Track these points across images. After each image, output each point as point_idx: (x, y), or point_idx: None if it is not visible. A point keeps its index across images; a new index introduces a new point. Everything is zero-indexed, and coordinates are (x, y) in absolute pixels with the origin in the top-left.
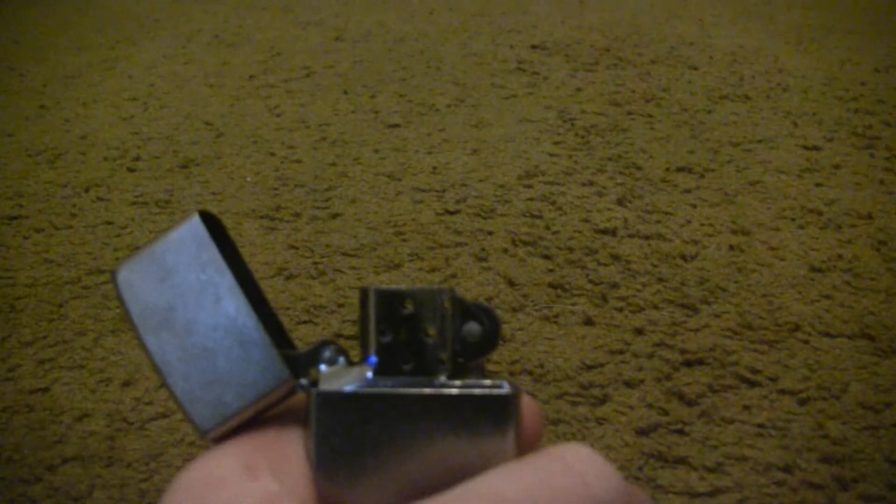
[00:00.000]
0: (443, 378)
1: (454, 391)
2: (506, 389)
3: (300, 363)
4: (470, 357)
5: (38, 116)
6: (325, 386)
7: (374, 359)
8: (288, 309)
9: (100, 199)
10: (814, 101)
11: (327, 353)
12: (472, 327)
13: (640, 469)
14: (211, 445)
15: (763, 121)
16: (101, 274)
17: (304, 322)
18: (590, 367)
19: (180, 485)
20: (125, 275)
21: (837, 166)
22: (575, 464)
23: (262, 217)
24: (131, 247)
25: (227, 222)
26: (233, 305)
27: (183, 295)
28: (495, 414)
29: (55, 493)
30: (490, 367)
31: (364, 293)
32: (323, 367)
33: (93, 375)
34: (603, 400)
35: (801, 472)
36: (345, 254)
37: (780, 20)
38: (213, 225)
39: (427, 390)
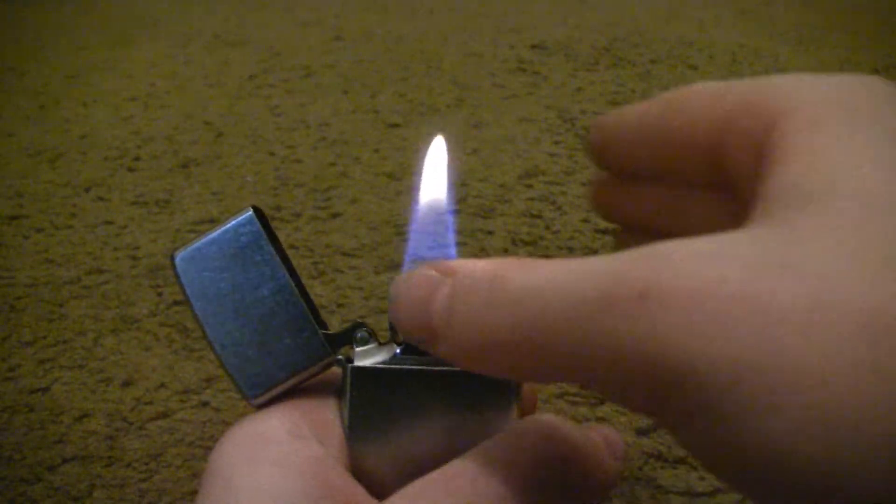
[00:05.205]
0: None
1: None
2: None
3: (337, 342)
4: None
5: (38, 116)
6: (359, 362)
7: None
8: None
9: (100, 199)
10: None
11: (360, 334)
12: None
13: (640, 469)
14: (256, 411)
15: None
16: (101, 274)
17: None
18: None
19: (232, 439)
20: (185, 258)
21: None
22: (544, 426)
23: None
24: (131, 246)
25: None
26: (282, 291)
27: (237, 280)
28: (502, 390)
29: (55, 493)
30: None
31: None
32: (356, 346)
33: (93, 375)
34: (603, 400)
35: None
36: (345, 254)
37: (780, 20)
38: (261, 217)
39: (447, 367)
